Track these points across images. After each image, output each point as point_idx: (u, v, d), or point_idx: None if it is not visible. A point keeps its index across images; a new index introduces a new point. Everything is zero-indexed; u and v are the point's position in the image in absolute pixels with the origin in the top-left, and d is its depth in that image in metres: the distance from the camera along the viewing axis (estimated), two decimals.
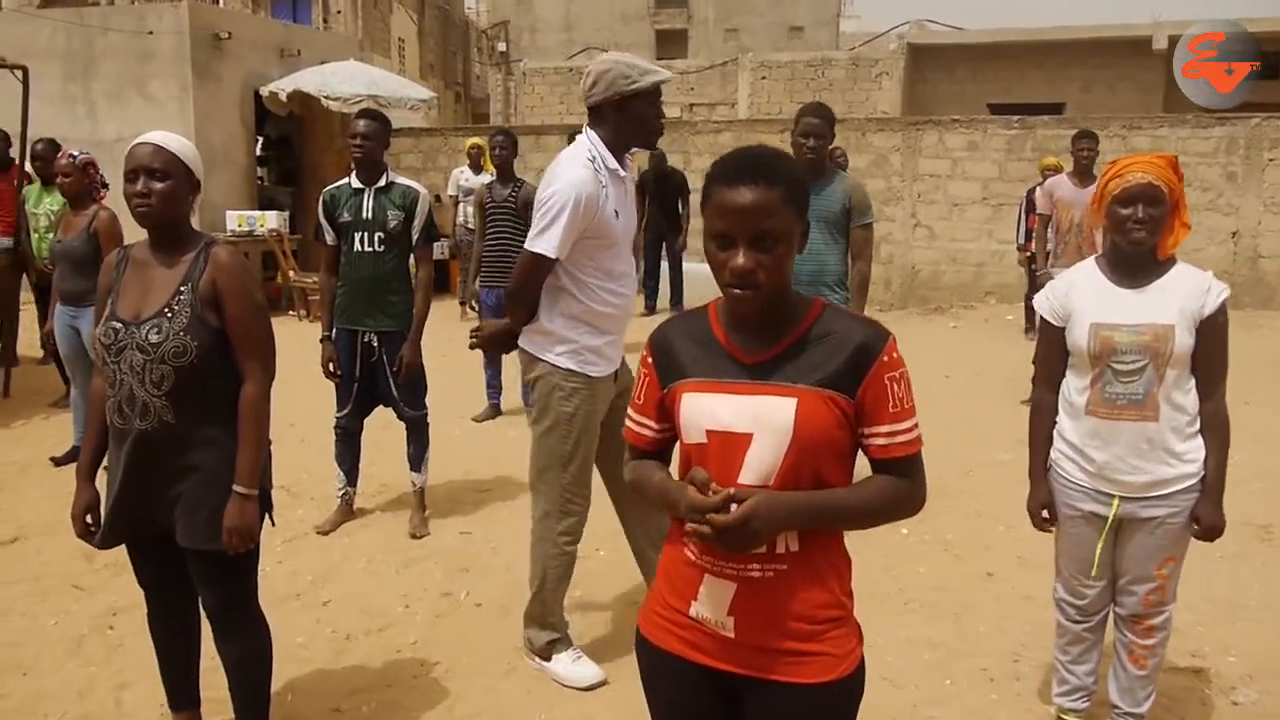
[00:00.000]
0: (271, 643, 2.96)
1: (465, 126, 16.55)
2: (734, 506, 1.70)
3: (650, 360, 1.95)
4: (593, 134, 3.30)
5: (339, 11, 24.48)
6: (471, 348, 3.76)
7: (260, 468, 2.73)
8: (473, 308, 7.05)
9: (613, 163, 3.30)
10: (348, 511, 5.05)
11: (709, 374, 1.84)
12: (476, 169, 10.47)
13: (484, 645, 3.83)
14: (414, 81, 16.11)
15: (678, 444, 1.97)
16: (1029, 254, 9.86)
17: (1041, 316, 3.05)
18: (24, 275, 7.80)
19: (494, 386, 7.06)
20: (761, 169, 1.74)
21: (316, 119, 12.75)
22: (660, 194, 11.15)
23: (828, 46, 27.24)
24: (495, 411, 7.07)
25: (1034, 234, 7.91)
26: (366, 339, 4.75)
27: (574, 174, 3.21)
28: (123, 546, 2.84)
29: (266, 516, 2.82)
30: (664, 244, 11.34)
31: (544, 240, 3.22)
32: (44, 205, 7.09)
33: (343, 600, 4.18)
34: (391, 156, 14.72)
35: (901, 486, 1.84)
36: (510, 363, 7.00)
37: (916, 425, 1.84)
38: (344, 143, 13.07)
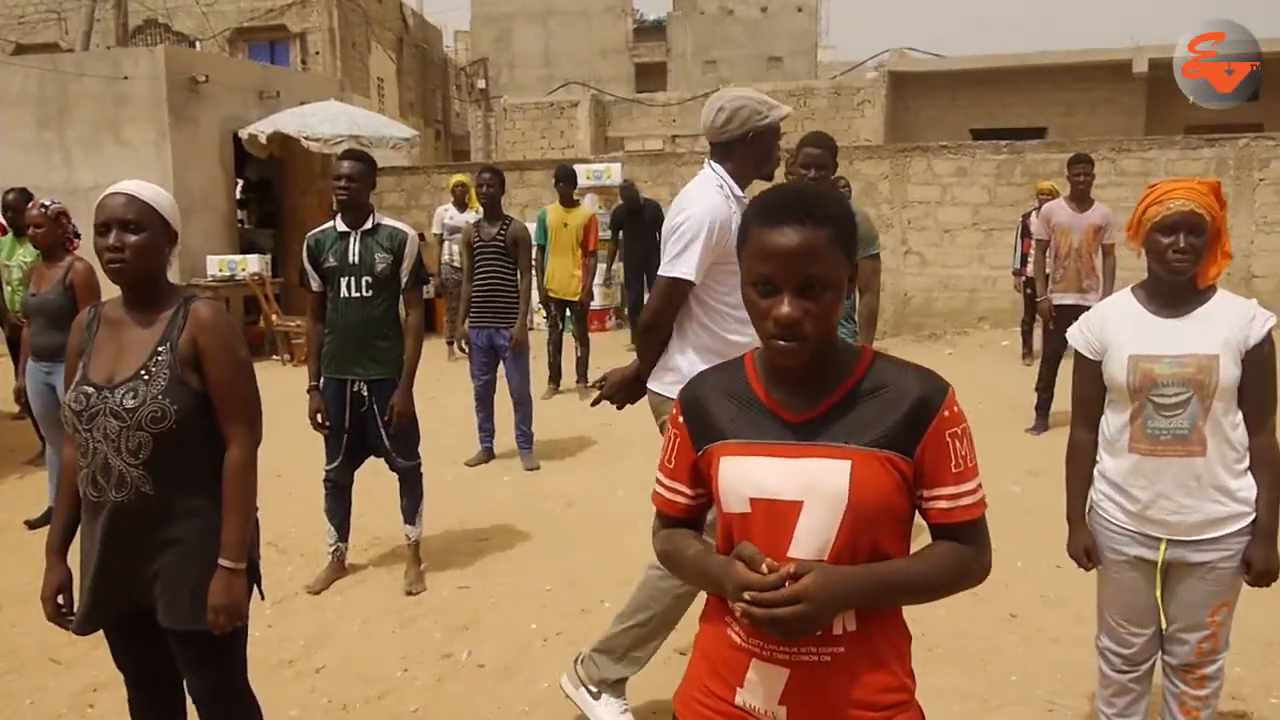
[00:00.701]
0: None
1: (448, 164, 16.43)
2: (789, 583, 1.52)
3: (681, 420, 1.76)
4: (718, 166, 3.31)
5: (317, 53, 24.36)
6: (595, 403, 3.70)
7: (248, 539, 2.53)
8: (462, 349, 6.84)
9: (739, 192, 3.29)
10: (339, 568, 4.82)
11: (750, 435, 1.65)
12: (461, 206, 10.32)
13: (489, 711, 3.61)
14: (395, 120, 15.96)
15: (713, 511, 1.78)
16: (1025, 279, 9.76)
17: (1077, 351, 2.88)
18: None
19: (486, 430, 6.85)
20: (807, 206, 1.56)
21: (296, 160, 12.58)
22: (636, 226, 10.97)
23: (806, 76, 27.29)
24: (488, 455, 6.86)
25: (1032, 259, 7.78)
26: (356, 388, 4.54)
27: (707, 199, 3.21)
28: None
29: (254, 589, 2.62)
30: (645, 277, 11.15)
31: (682, 264, 3.18)
32: (16, 257, 6.88)
33: (337, 666, 3.95)
34: (374, 196, 14.62)
35: (966, 554, 1.66)
36: (502, 405, 6.84)
37: (980, 486, 1.66)
38: (325, 184, 12.99)
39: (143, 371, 2.40)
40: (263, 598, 2.64)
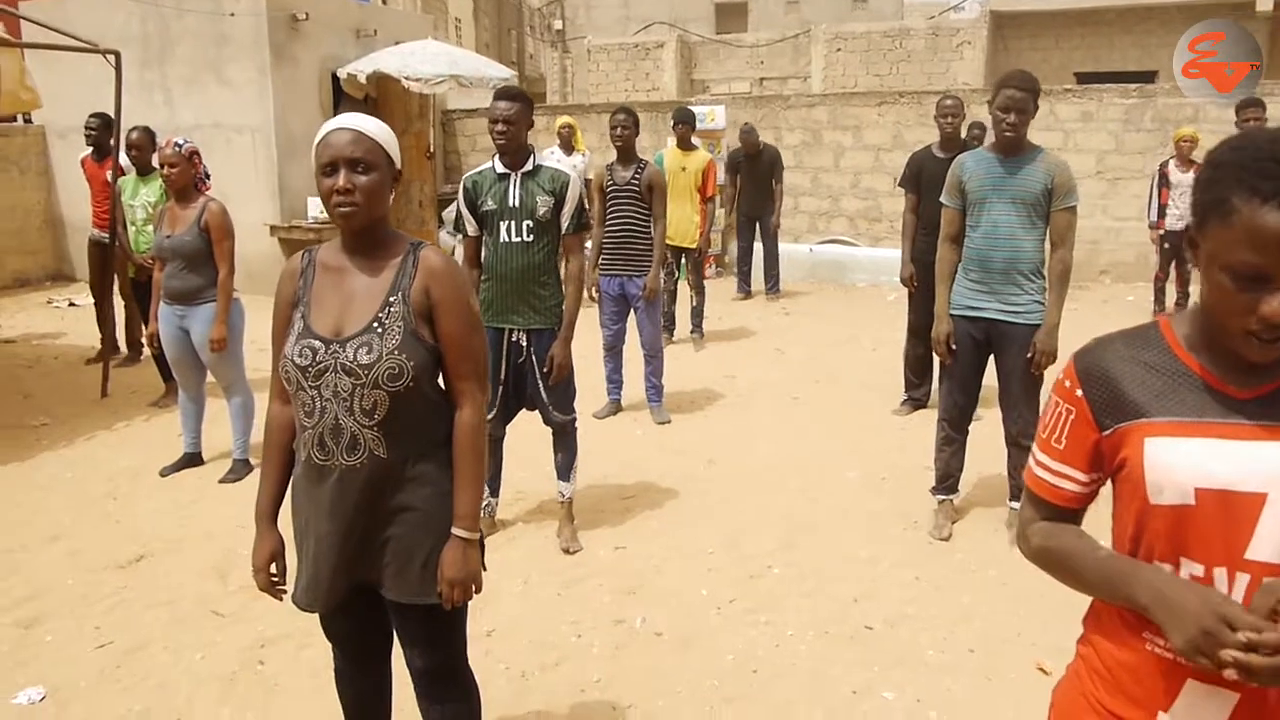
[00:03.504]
0: (480, 706, 2.56)
1: (547, 106, 16.02)
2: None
3: (1081, 393, 1.48)
4: None
5: None
6: None
7: (481, 507, 2.33)
8: (592, 297, 6.59)
9: None
10: (490, 524, 4.66)
11: (1186, 413, 1.38)
12: (568, 149, 10.03)
13: (676, 684, 3.41)
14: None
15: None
16: (1162, 232, 9.28)
17: None
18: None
19: (614, 381, 6.63)
20: None
21: (393, 101, 12.35)
22: (752, 172, 10.62)
23: (893, 17, 26.40)
24: (616, 407, 6.65)
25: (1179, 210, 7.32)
26: (514, 338, 4.35)
27: None
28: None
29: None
30: (757, 225, 10.81)
31: None
32: (140, 197, 6.78)
33: (508, 629, 3.79)
34: (466, 138, 14.39)
35: None
36: (632, 358, 6.62)
37: None
38: (423, 125, 12.79)
39: (375, 324, 2.19)
40: (485, 569, 2.44)
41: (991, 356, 4.49)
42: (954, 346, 4.46)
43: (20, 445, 6.07)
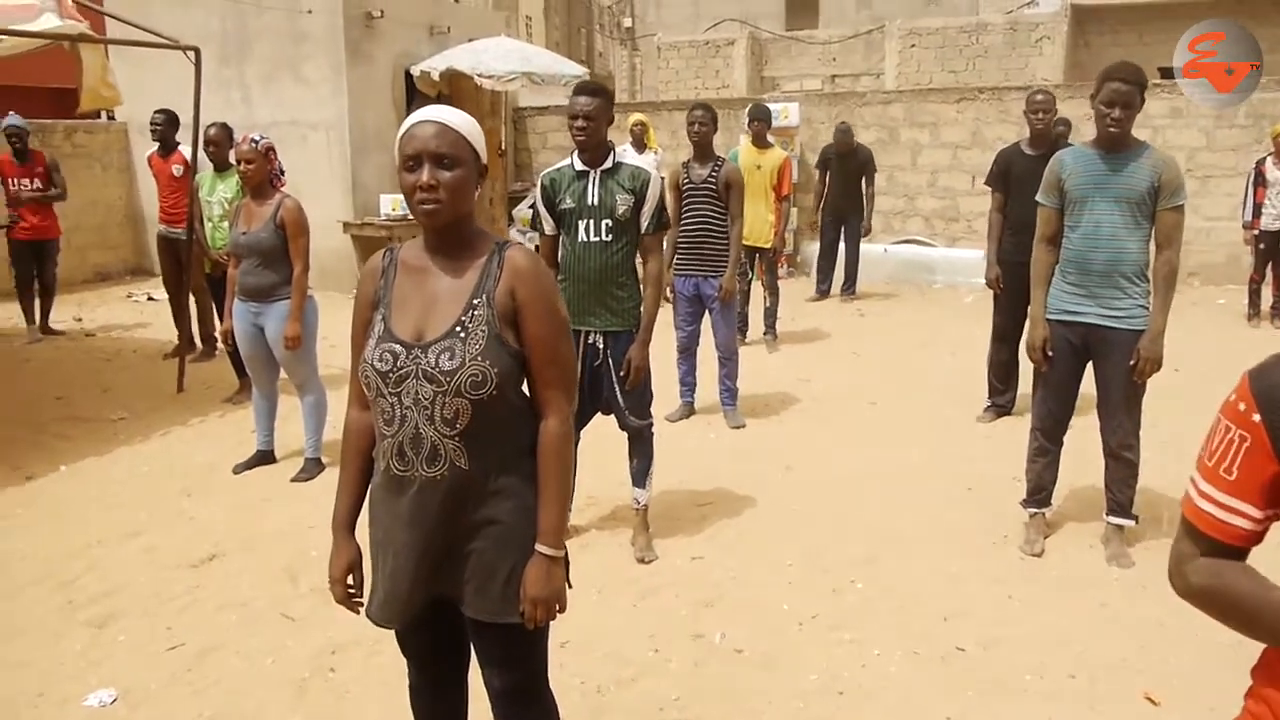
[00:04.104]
0: None
1: (620, 104, 15.92)
2: None
3: (1259, 418, 1.31)
4: None
5: None
6: None
7: (567, 522, 2.22)
8: (666, 298, 6.45)
9: None
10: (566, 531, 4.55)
11: None
12: (640, 147, 9.90)
13: (759, 704, 3.27)
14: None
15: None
16: (1257, 232, 8.90)
17: None
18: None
19: (687, 384, 6.50)
20: None
21: (465, 98, 12.33)
22: (843, 171, 10.40)
23: (967, 13, 25.84)
24: (689, 411, 6.51)
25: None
26: (591, 340, 4.23)
27: None
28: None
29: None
30: (843, 225, 10.56)
31: None
32: (218, 193, 6.80)
33: (582, 641, 3.67)
34: (538, 135, 14.35)
35: None
36: (705, 360, 6.48)
37: None
38: (495, 123, 12.77)
39: (458, 328, 2.08)
40: (570, 586, 2.31)
41: (1089, 364, 4.27)
42: (1050, 353, 4.26)
43: (99, 439, 6.12)
